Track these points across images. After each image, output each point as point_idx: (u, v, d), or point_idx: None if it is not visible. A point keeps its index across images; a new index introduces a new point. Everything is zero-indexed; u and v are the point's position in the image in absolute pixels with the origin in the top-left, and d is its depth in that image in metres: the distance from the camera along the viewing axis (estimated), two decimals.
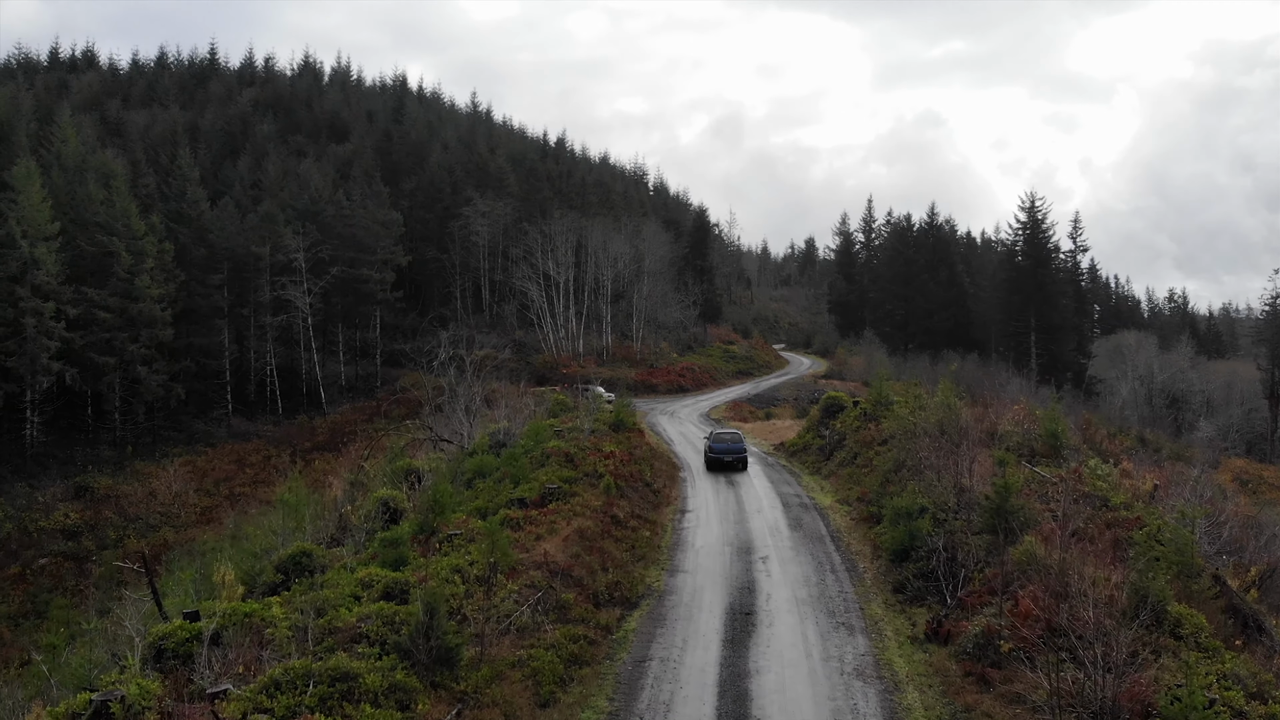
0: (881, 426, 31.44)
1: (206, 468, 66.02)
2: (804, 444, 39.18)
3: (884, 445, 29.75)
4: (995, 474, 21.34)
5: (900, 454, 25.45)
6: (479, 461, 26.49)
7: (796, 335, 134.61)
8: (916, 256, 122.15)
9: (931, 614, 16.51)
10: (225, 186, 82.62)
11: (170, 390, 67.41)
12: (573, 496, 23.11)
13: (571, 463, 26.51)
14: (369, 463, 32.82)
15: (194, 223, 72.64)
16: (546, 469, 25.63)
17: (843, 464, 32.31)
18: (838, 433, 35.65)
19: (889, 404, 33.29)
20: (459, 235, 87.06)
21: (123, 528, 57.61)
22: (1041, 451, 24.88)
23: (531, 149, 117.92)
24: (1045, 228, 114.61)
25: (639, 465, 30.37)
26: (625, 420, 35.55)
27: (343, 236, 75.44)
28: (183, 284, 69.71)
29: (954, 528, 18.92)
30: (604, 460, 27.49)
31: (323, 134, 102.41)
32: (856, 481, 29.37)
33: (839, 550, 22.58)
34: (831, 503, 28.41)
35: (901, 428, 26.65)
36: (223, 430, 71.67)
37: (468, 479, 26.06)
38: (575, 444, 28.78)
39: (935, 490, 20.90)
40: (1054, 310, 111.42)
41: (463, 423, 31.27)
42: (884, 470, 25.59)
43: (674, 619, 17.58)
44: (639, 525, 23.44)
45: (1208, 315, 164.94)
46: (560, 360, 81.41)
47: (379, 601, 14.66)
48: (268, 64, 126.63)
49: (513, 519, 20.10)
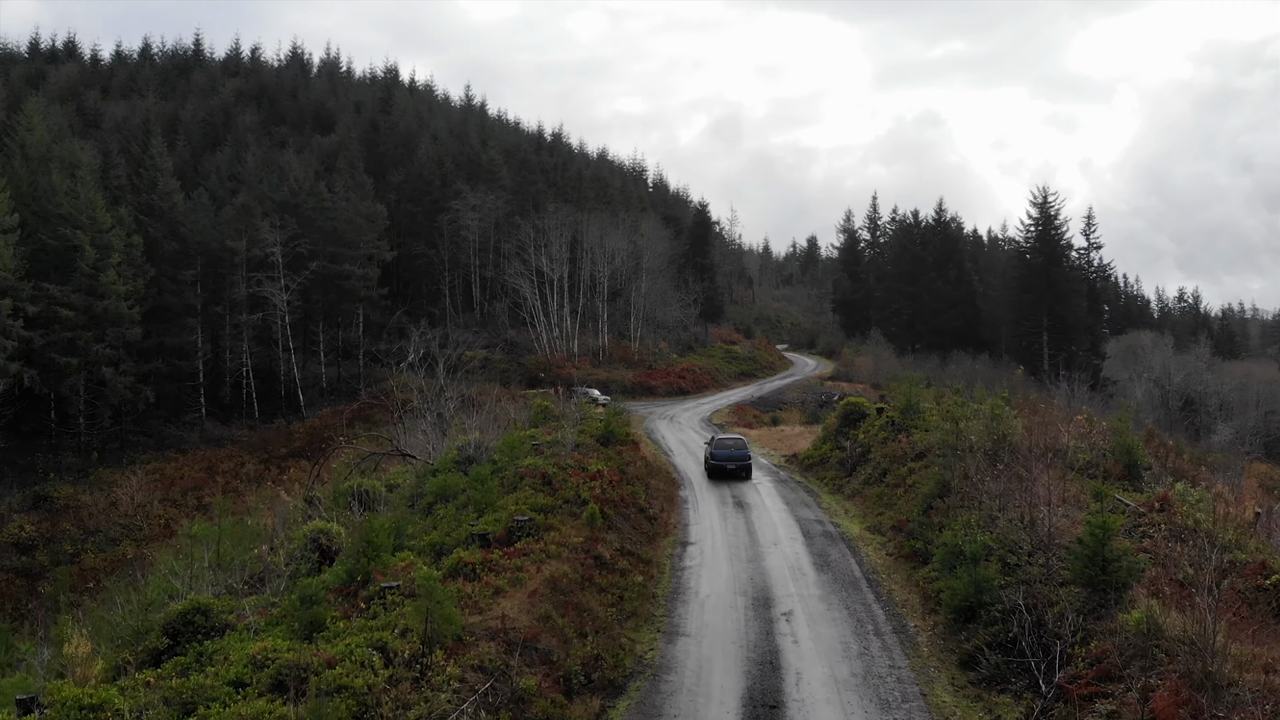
0: (913, 439, 27.36)
1: (175, 475, 62.13)
2: (821, 456, 35.09)
3: (919, 461, 25.64)
4: (1070, 501, 17.26)
5: (944, 474, 21.38)
6: (442, 482, 22.19)
7: (799, 335, 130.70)
8: (924, 254, 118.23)
9: (1024, 707, 12.30)
10: (204, 179, 78.60)
11: (139, 393, 63.59)
12: (547, 531, 18.72)
13: (549, 486, 22.09)
14: (319, 483, 28.68)
15: (165, 215, 68.57)
16: (519, 493, 21.26)
17: (869, 482, 28.29)
18: (860, 444, 31.45)
19: (919, 412, 29.22)
20: (448, 230, 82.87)
21: (81, 541, 53.71)
22: (1114, 472, 20.84)
23: (526, 142, 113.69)
24: (1058, 224, 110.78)
25: (631, 486, 26.19)
26: (616, 432, 31.11)
27: (323, 230, 71.32)
28: (152, 280, 65.80)
29: (1030, 576, 14.85)
30: (588, 482, 23.10)
31: (307, 125, 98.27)
32: (888, 505, 25.36)
33: (880, 600, 18.51)
34: (861, 531, 24.30)
35: (942, 442, 22.59)
36: (195, 435, 67.68)
37: (428, 503, 21.97)
38: (555, 462, 24.34)
39: (999, 525, 16.87)
40: (1067, 309, 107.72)
41: (428, 434, 27.15)
42: (924, 494, 21.52)
43: (672, 714, 13.45)
44: (629, 567, 19.28)
45: (1220, 315, 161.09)
46: (554, 361, 77.35)
47: (265, 697, 10.64)
48: (254, 55, 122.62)
49: (467, 565, 15.73)
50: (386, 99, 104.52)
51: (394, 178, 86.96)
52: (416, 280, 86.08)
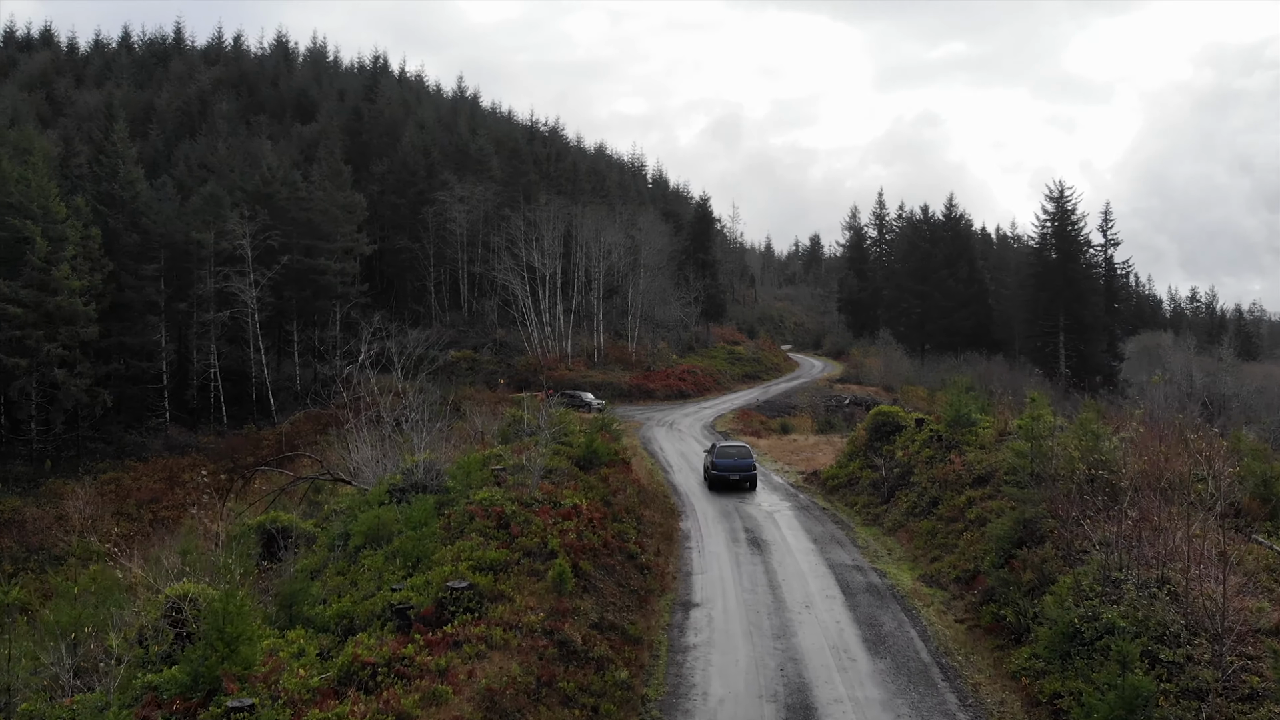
0: (966, 458, 22.48)
1: (133, 486, 57.22)
2: (849, 477, 29.81)
3: (978, 489, 20.67)
4: (1212, 556, 12.41)
5: (1024, 509, 16.51)
6: (374, 519, 17.09)
7: (803, 336, 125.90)
8: (935, 251, 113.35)
9: None
10: (173, 168, 73.73)
11: (95, 396, 58.71)
12: (495, 604, 13.52)
13: (506, 531, 16.59)
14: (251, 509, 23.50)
15: (127, 205, 63.62)
16: (464, 542, 15.80)
17: (914, 512, 23.28)
18: (898, 463, 26.59)
19: (970, 424, 24.31)
20: (433, 223, 77.83)
21: (22, 560, 48.81)
22: (1252, 510, 16.05)
23: (520, 134, 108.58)
24: (1075, 219, 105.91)
25: (619, 523, 20.67)
26: (600, 452, 24.94)
27: (297, 222, 66.35)
28: (111, 275, 60.85)
29: (1201, 685, 10.00)
30: (559, 524, 17.64)
31: (288, 114, 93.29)
32: (944, 545, 20.32)
33: (967, 707, 13.13)
34: (915, 584, 19.23)
35: (1014, 465, 17.71)
36: (159, 442, 62.73)
37: (356, 546, 16.92)
38: (518, 495, 18.79)
39: (1126, 593, 12.08)
40: (1085, 308, 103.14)
41: (378, 448, 21.89)
42: (999, 536, 16.51)
43: None
44: (610, 653, 13.97)
45: (1235, 315, 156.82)
46: (546, 363, 72.41)
47: None
48: (236, 43, 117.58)
49: (365, 667, 10.67)
50: (372, 87, 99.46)
51: (377, 168, 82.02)
52: (400, 277, 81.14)
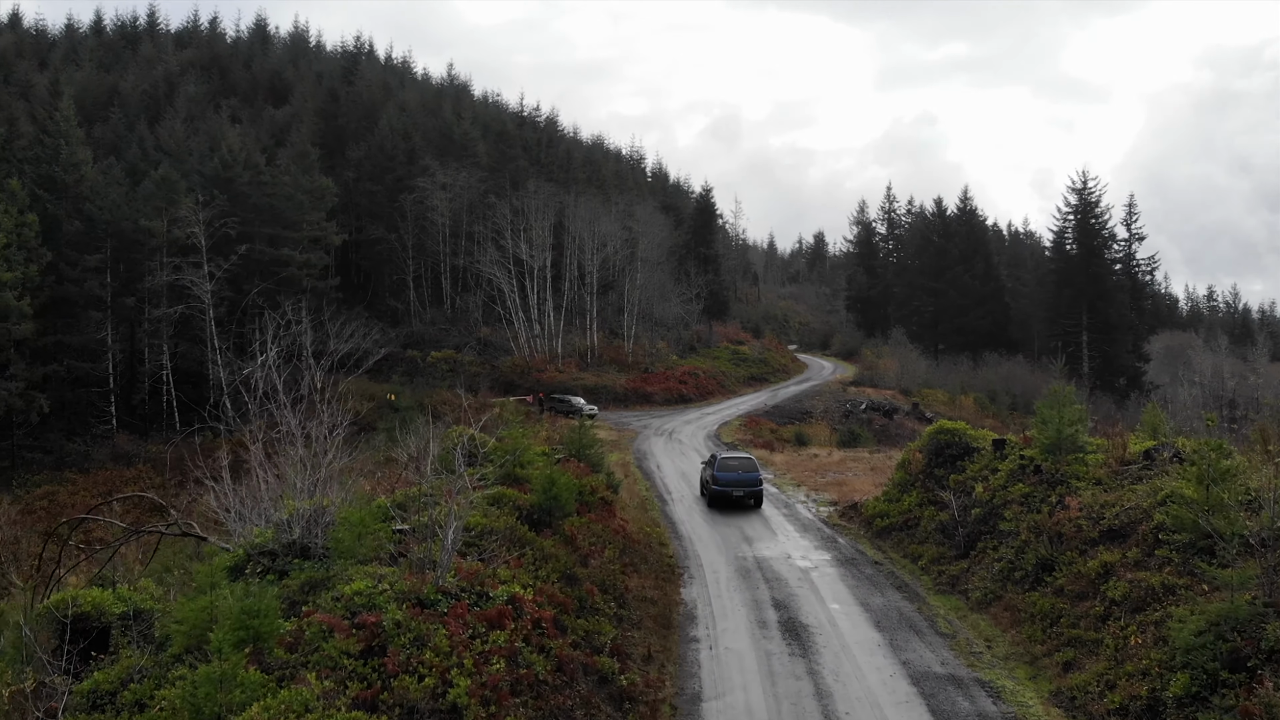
0: (1082, 499, 16.32)
1: (68, 502, 51.03)
2: (904, 516, 23.14)
3: (1115, 549, 14.10)
4: None
5: (1236, 601, 10.37)
6: (201, 611, 10.28)
7: (809, 335, 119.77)
8: (949, 247, 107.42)
9: None
10: (124, 150, 67.52)
11: (31, 401, 52.60)
12: None
13: (379, 661, 9.75)
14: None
15: (70, 190, 57.50)
16: (296, 689, 8.85)
17: (1013, 578, 16.78)
18: (977, 501, 19.92)
19: (1077, 448, 18.06)
20: (412, 211, 71.58)
21: None
22: None
23: (510, 119, 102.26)
24: (1099, 212, 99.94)
25: (589, 619, 13.91)
26: (564, 498, 17.55)
27: (259, 208, 60.20)
28: (49, 266, 54.71)
29: None
30: (478, 643, 10.68)
31: (260, 97, 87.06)
32: (1079, 642, 13.76)
33: None
34: (1049, 712, 12.57)
35: (1182, 518, 11.56)
36: (104, 451, 56.55)
37: (174, 655, 10.20)
38: (417, 584, 11.61)
39: None
40: (1110, 306, 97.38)
41: (221, 489, 15.46)
42: (1189, 639, 10.28)
43: None
44: None
45: (1259, 315, 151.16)
46: (534, 364, 66.28)
47: None
48: (212, 26, 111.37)
49: None
50: (351, 69, 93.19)
51: (354, 153, 75.84)
52: (377, 270, 75.01)
